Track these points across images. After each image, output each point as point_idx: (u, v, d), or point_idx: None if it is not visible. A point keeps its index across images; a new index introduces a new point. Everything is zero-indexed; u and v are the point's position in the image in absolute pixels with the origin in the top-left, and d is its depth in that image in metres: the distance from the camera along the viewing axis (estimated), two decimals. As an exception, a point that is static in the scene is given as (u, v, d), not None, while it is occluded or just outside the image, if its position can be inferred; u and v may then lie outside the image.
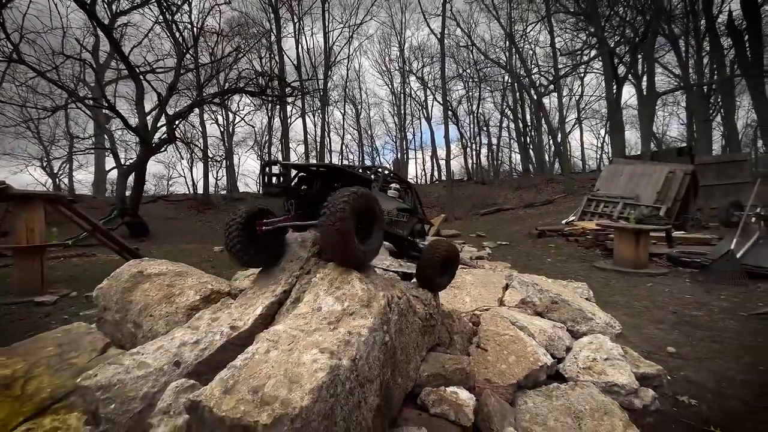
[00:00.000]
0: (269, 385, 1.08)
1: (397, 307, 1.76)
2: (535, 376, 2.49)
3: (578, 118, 33.78)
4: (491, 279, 4.58)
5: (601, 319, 3.36)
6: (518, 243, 12.13)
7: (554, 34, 22.04)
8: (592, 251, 9.85)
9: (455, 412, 1.79)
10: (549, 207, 18.30)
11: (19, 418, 1.47)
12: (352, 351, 1.32)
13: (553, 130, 26.17)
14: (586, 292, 4.55)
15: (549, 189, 21.46)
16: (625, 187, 13.08)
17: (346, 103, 35.07)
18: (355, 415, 1.28)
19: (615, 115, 19.29)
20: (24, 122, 18.48)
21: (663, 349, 3.84)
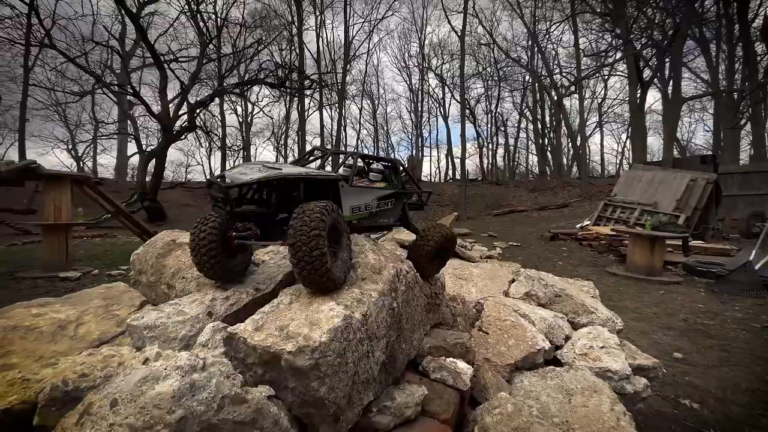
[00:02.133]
0: (293, 325, 1.29)
1: (404, 279, 1.96)
2: (532, 359, 2.64)
3: (599, 121, 33.19)
4: (498, 273, 4.73)
5: (603, 314, 3.47)
6: (530, 245, 12.15)
7: (578, 34, 21.73)
8: (605, 256, 9.83)
9: (453, 378, 1.97)
10: (564, 210, 18.14)
11: (76, 351, 1.73)
12: (363, 308, 1.52)
13: (573, 132, 25.81)
14: (592, 291, 4.64)
15: (565, 192, 21.25)
16: (644, 193, 12.91)
17: (363, 98, 35.34)
18: (363, 363, 1.48)
19: (638, 119, 18.93)
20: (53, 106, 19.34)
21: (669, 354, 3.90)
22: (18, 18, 18.79)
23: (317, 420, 1.28)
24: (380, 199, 2.32)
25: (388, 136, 39.67)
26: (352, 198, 2.08)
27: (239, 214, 1.85)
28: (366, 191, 2.22)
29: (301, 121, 22.98)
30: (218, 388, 0.93)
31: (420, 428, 1.64)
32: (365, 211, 2.20)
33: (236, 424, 0.94)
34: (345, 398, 1.34)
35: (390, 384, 1.77)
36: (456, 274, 4.61)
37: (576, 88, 24.19)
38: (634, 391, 2.50)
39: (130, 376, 0.88)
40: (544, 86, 26.64)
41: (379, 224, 2.37)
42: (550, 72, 25.93)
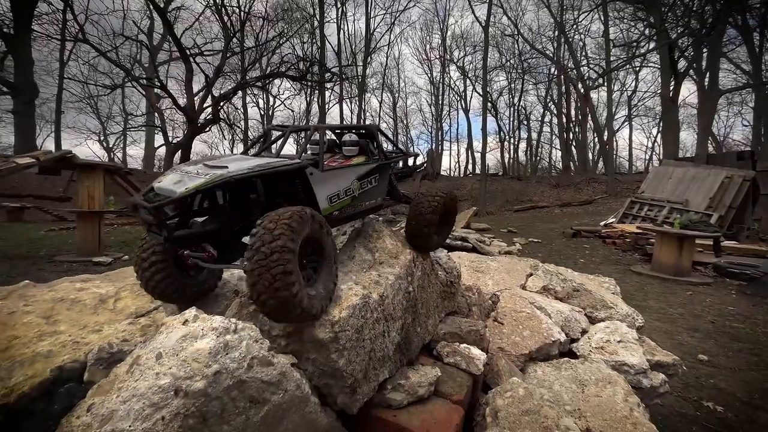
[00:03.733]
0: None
1: (421, 265, 2.02)
2: (547, 350, 2.66)
3: (629, 114, 31.85)
4: (516, 266, 4.71)
5: (623, 310, 3.43)
6: (551, 241, 11.93)
7: (609, 23, 20.86)
8: (630, 255, 9.56)
9: (467, 363, 2.02)
10: (587, 207, 17.66)
11: (115, 323, 1.88)
12: (380, 289, 1.60)
13: (600, 126, 24.93)
14: (613, 287, 4.56)
15: (589, 189, 20.64)
16: (674, 190, 12.41)
17: (383, 91, 35.21)
18: (380, 341, 1.56)
19: (670, 113, 18.08)
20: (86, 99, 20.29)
21: (693, 356, 3.79)
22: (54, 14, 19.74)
23: (335, 391, 1.37)
24: (361, 178, 1.96)
25: (407, 129, 39.50)
26: (326, 185, 1.75)
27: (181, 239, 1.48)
28: (342, 173, 1.87)
29: (321, 113, 23.22)
30: (248, 349, 1.03)
31: (432, 407, 1.71)
32: (346, 197, 1.86)
33: (263, 383, 1.03)
34: (362, 372, 1.42)
35: (404, 365, 1.85)
36: (473, 267, 4.62)
37: (604, 80, 23.30)
38: (651, 385, 2.49)
39: (172, 334, 0.99)
40: (571, 78, 25.77)
41: (366, 208, 2.03)
42: (577, 63, 25.05)
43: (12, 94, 18.77)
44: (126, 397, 0.86)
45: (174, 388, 0.87)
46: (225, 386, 0.93)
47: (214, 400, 0.90)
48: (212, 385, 0.91)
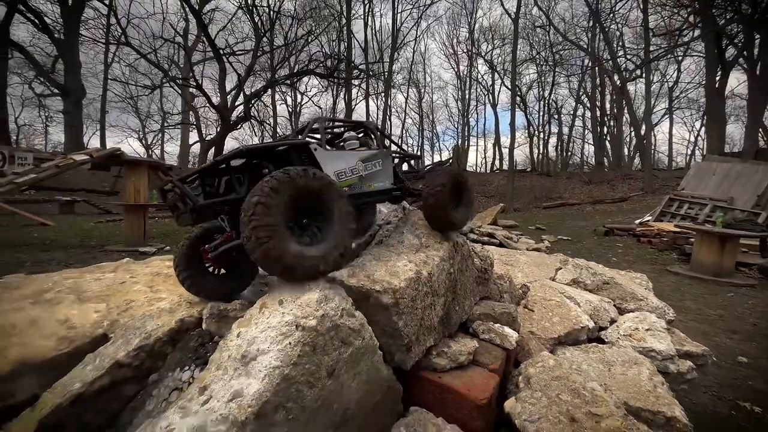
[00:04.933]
0: (377, 274, 1.69)
1: (460, 250, 2.29)
2: (575, 336, 2.86)
3: (669, 107, 30.36)
4: (545, 261, 4.88)
5: (653, 302, 3.55)
6: (581, 239, 11.79)
7: (648, 11, 20.01)
8: (667, 254, 9.34)
9: (500, 339, 2.29)
10: (621, 205, 17.16)
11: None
12: (428, 268, 1.89)
13: (637, 120, 23.98)
14: (645, 283, 4.63)
15: (624, 185, 20.00)
16: (717, 187, 11.92)
17: (409, 87, 35.29)
18: (428, 312, 1.86)
19: (715, 105, 17.20)
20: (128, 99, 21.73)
21: (732, 358, 3.77)
22: (99, 19, 21.22)
23: (394, 349, 1.68)
24: (365, 160, 2.10)
25: (433, 125, 39.43)
26: (332, 162, 1.90)
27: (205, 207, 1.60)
28: (346, 153, 2.05)
29: (347, 110, 23.69)
30: (339, 303, 1.35)
31: (471, 373, 1.99)
32: (353, 175, 2.00)
33: (350, 329, 1.35)
34: (414, 335, 1.72)
35: (446, 337, 2.13)
36: (502, 261, 4.82)
37: (642, 71, 22.36)
38: (678, 371, 2.64)
39: (286, 287, 1.34)
40: (606, 70, 24.89)
41: (375, 189, 2.14)
42: (613, 54, 24.16)
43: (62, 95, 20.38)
44: (262, 328, 1.20)
45: (295, 323, 1.20)
46: (327, 327, 1.26)
47: (321, 335, 1.23)
48: (320, 324, 1.23)
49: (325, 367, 1.22)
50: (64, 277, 2.09)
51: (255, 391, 1.05)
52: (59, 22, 19.78)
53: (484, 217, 13.49)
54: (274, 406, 1.06)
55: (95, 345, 1.66)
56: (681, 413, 1.86)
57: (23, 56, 19.38)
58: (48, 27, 19.26)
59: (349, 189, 1.97)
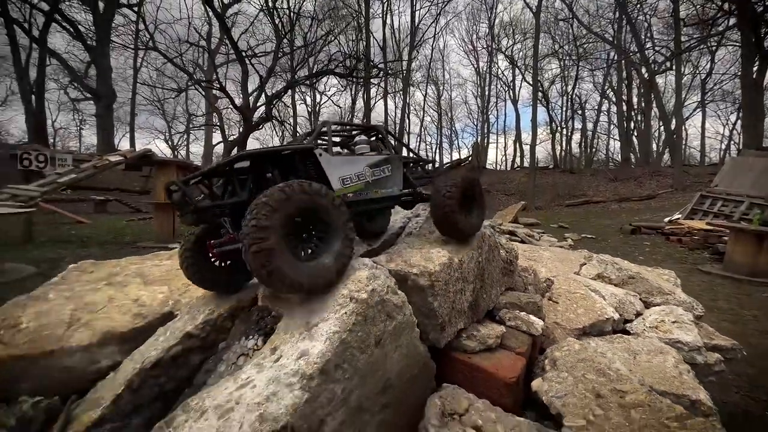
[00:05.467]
0: (413, 260, 1.86)
1: (488, 240, 2.43)
2: (600, 327, 2.94)
3: (702, 100, 29.18)
4: (569, 256, 4.92)
5: (681, 297, 3.56)
6: (606, 238, 11.60)
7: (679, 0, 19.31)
8: (698, 254, 9.10)
9: (527, 326, 2.41)
10: (649, 203, 16.70)
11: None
12: (459, 256, 2.04)
13: (667, 114, 23.20)
14: (673, 279, 4.61)
15: (653, 182, 19.42)
16: (755, 183, 11.47)
17: (428, 84, 35.26)
18: (459, 297, 2.01)
19: (753, 97, 16.47)
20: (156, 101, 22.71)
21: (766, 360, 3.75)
22: (128, 25, 22.26)
23: (429, 328, 1.84)
24: (373, 166, 2.07)
25: (452, 122, 39.27)
26: (338, 168, 1.88)
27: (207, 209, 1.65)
28: (354, 159, 2.02)
29: (366, 109, 23.97)
30: (384, 281, 1.53)
31: (500, 355, 2.13)
32: (359, 180, 1.97)
33: (394, 305, 1.53)
34: (447, 316, 1.88)
35: (474, 322, 2.28)
36: (525, 256, 4.89)
37: (672, 63, 21.61)
38: (705, 362, 2.68)
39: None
40: (633, 63, 24.19)
41: (382, 196, 2.11)
42: (641, 46, 23.43)
43: (94, 99, 21.49)
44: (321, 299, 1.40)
45: (350, 296, 1.39)
46: (375, 300, 1.44)
47: (370, 308, 1.41)
48: (370, 297, 1.42)
49: (374, 336, 1.40)
50: (129, 263, 2.35)
51: (319, 351, 1.23)
52: (91, 30, 20.88)
53: (504, 215, 13.43)
54: (334, 365, 1.25)
55: (164, 321, 1.90)
56: (706, 397, 1.93)
57: (59, 63, 20.58)
58: (81, 34, 20.38)
59: (354, 195, 1.95)
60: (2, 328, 1.72)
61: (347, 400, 1.30)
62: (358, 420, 1.37)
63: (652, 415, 1.51)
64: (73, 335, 1.74)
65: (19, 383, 1.62)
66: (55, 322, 1.78)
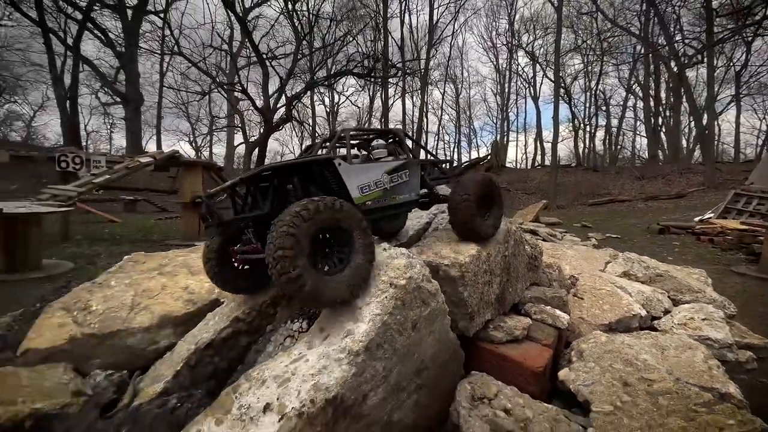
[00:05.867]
0: (443, 252, 1.97)
1: (514, 235, 2.51)
2: (626, 323, 2.95)
3: (736, 94, 27.83)
4: (594, 254, 4.90)
5: (711, 295, 3.52)
6: (632, 237, 11.32)
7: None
8: (732, 254, 8.77)
9: (552, 319, 2.47)
10: (679, 201, 16.14)
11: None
12: (487, 249, 2.14)
13: (698, 109, 22.32)
14: (703, 279, 4.53)
15: (682, 180, 18.75)
16: (793, 181, 10.96)
17: (446, 83, 35.09)
18: (486, 288, 2.11)
19: (792, 90, 15.63)
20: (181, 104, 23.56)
21: None
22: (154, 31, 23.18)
23: (458, 317, 1.94)
24: (391, 172, 2.10)
25: (470, 121, 38.93)
26: (356, 176, 1.91)
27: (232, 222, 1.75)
28: (372, 166, 2.05)
29: (384, 109, 24.12)
30: (420, 269, 1.65)
31: (526, 346, 2.21)
32: (377, 188, 2.00)
33: (428, 292, 1.64)
34: (476, 306, 1.98)
35: (501, 314, 2.36)
36: (548, 254, 4.90)
37: (704, 56, 20.77)
38: (737, 360, 2.67)
39: (380, 255, 1.67)
40: (661, 56, 23.36)
41: (400, 202, 2.15)
42: (670, 39, 22.61)
43: (123, 103, 22.46)
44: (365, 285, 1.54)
45: (390, 282, 1.52)
46: (412, 287, 1.56)
47: (408, 293, 1.53)
48: (408, 283, 1.54)
49: (411, 320, 1.52)
50: (175, 255, 2.55)
51: (363, 330, 1.36)
52: (121, 36, 21.84)
53: (525, 214, 13.27)
54: (377, 344, 1.38)
55: (212, 307, 2.08)
56: (736, 390, 1.95)
57: (91, 69, 21.62)
58: (111, 41, 21.34)
59: (373, 203, 1.99)
60: (75, 309, 1.94)
61: (387, 378, 1.42)
62: (396, 398, 1.49)
63: (679, 401, 1.56)
64: (135, 318, 1.93)
65: (92, 359, 1.83)
66: (119, 306, 1.98)
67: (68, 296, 2.06)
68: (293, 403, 1.17)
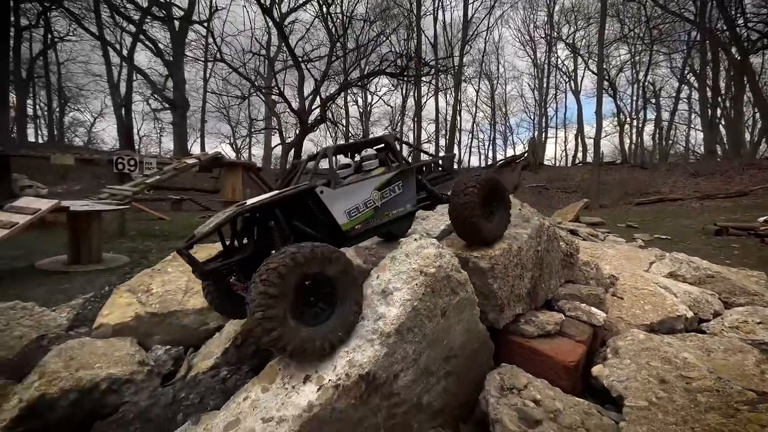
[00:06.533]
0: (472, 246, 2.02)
1: (547, 231, 2.50)
2: (670, 324, 2.82)
3: (812, 81, 25.08)
4: (637, 254, 4.68)
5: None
6: (684, 239, 10.59)
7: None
8: (803, 258, 8.00)
9: (587, 316, 2.43)
10: (740, 200, 14.86)
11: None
12: (518, 243, 2.16)
13: (764, 99, 20.36)
14: (764, 281, 4.19)
15: (744, 177, 17.19)
16: None
17: (480, 79, 34.45)
18: (517, 282, 2.13)
19: None
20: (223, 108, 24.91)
21: None
22: (198, 40, 24.66)
23: (488, 309, 1.99)
24: (382, 187, 1.99)
25: (506, 117, 37.94)
26: (342, 201, 1.83)
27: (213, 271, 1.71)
28: (359, 186, 1.92)
29: (417, 108, 24.16)
30: (449, 259, 1.73)
31: (559, 341, 2.20)
32: (366, 208, 1.90)
33: (457, 281, 1.71)
34: (506, 299, 2.01)
35: (532, 308, 2.37)
36: (587, 253, 4.75)
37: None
38: (797, 366, 2.47)
39: (411, 245, 1.77)
40: (720, 42, 21.52)
41: (394, 217, 2.05)
42: (731, 22, 20.78)
43: (171, 108, 24.09)
44: (394, 272, 1.64)
45: (419, 270, 1.61)
46: (442, 275, 1.64)
47: (438, 281, 1.61)
48: (437, 272, 1.62)
49: (440, 307, 1.60)
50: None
51: (394, 314, 1.46)
52: (169, 46, 23.46)
53: (564, 213, 12.78)
54: (407, 327, 1.47)
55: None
56: (790, 395, 1.83)
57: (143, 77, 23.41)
58: (161, 51, 22.98)
59: (363, 225, 1.90)
60: (139, 291, 2.20)
61: (417, 361, 1.51)
62: (426, 381, 1.57)
63: (720, 399, 1.51)
64: (189, 300, 2.16)
65: (153, 335, 2.07)
66: (175, 290, 2.22)
67: (133, 280, 2.34)
68: (330, 376, 1.30)
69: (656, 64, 28.89)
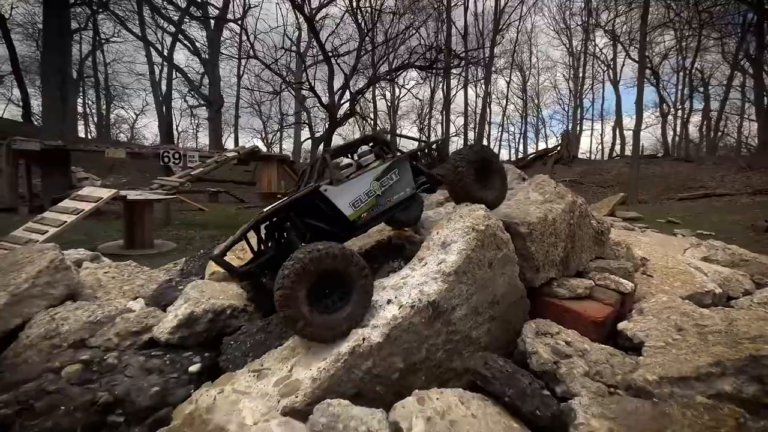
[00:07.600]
0: (513, 214, 2.40)
1: (579, 208, 2.83)
2: (698, 299, 3.04)
3: None
4: (671, 242, 4.85)
5: (807, 283, 3.40)
6: (730, 236, 10.29)
7: None
8: None
9: (616, 285, 2.74)
10: (796, 195, 14.12)
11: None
12: (552, 215, 2.52)
13: (828, 86, 18.98)
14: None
15: (802, 171, 16.26)
16: None
17: (512, 70, 33.98)
18: (551, 249, 2.49)
19: None
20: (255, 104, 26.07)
21: None
22: (233, 38, 25.84)
23: (525, 269, 2.36)
24: (379, 177, 2.26)
25: (538, 109, 37.23)
26: (346, 195, 2.12)
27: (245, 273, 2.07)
28: (358, 179, 2.19)
29: (446, 101, 24.27)
30: (495, 221, 2.14)
31: (588, 303, 2.54)
32: (369, 198, 2.18)
33: (501, 239, 2.12)
34: (542, 261, 2.38)
35: (563, 276, 2.71)
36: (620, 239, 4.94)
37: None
38: (821, 337, 2.66)
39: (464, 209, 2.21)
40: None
41: (396, 202, 2.33)
42: (792, 3, 19.49)
43: (207, 105, 25.43)
44: (451, 229, 2.08)
45: (471, 227, 2.03)
46: (489, 233, 2.05)
47: (486, 237, 2.02)
48: (486, 229, 2.03)
49: (487, 259, 2.00)
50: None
51: (452, 260, 1.88)
52: (205, 45, 24.75)
53: (599, 207, 12.65)
54: (462, 271, 1.89)
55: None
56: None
57: (181, 75, 24.86)
58: (198, 50, 24.31)
59: (369, 213, 2.19)
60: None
61: (469, 300, 1.92)
62: (474, 319, 1.98)
63: (727, 337, 1.82)
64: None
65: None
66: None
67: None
68: (406, 300, 1.74)
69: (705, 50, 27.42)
